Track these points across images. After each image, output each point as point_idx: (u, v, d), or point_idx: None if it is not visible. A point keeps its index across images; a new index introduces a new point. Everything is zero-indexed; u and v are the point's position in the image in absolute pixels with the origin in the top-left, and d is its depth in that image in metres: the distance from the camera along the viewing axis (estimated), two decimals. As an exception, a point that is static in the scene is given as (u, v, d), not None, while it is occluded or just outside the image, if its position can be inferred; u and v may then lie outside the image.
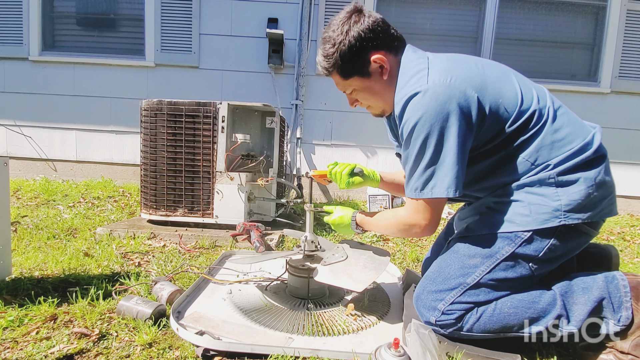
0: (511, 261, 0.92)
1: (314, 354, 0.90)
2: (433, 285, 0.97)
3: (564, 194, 0.90)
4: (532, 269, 0.93)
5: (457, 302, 0.93)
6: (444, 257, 1.03)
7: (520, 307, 0.91)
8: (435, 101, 0.87)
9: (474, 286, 0.93)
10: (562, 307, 0.91)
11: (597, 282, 0.92)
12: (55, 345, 0.92)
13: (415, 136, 0.90)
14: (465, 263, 0.96)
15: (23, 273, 1.36)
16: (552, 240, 0.91)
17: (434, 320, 0.93)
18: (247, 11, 3.32)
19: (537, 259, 0.92)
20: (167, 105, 1.96)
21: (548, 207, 0.90)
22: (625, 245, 2.29)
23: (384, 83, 1.03)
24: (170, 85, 3.42)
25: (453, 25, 3.43)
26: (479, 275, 0.93)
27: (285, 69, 3.37)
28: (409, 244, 2.09)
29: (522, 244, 0.91)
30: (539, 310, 0.91)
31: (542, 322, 0.90)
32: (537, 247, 0.91)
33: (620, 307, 0.89)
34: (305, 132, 3.41)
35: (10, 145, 3.49)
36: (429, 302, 0.95)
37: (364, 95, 1.07)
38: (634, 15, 3.27)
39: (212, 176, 1.99)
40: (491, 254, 0.94)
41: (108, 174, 3.51)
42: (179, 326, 0.97)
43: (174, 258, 1.63)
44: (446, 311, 0.92)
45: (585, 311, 0.89)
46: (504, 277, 0.93)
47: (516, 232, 0.92)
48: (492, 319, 0.91)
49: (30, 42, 3.38)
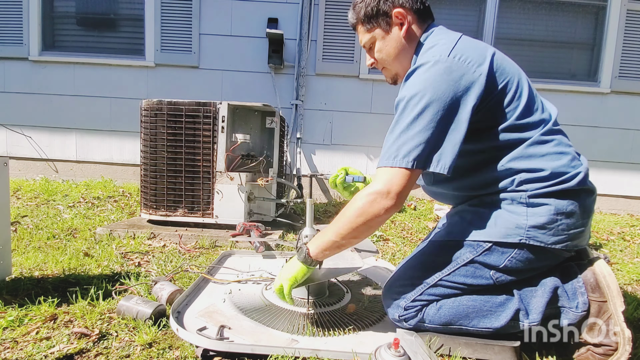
0: (471, 267, 0.96)
1: (314, 354, 0.90)
2: (396, 285, 1.04)
3: (532, 214, 0.91)
4: (494, 277, 0.95)
5: (418, 299, 0.99)
6: (410, 259, 1.09)
7: (479, 300, 0.95)
8: (449, 75, 0.88)
9: (434, 286, 0.98)
10: (519, 302, 0.94)
11: (551, 276, 0.95)
12: (55, 345, 0.92)
13: (418, 99, 0.89)
14: (429, 265, 1.01)
15: (23, 273, 1.36)
16: (512, 254, 0.93)
17: (398, 316, 1.00)
18: (247, 11, 3.32)
19: (499, 269, 0.95)
20: (167, 105, 1.96)
21: (512, 224, 0.92)
22: (625, 245, 2.30)
23: (402, 43, 1.04)
24: (170, 85, 3.42)
25: (453, 25, 3.40)
26: (439, 277, 0.98)
27: (285, 69, 3.37)
28: (409, 244, 2.10)
29: (482, 253, 0.95)
30: (497, 303, 0.94)
31: (503, 317, 0.93)
32: (497, 258, 0.94)
33: (575, 293, 0.92)
34: (306, 132, 3.41)
35: (10, 145, 3.49)
36: (393, 301, 1.02)
37: (382, 52, 1.07)
38: (634, 15, 3.27)
39: (212, 176, 1.99)
40: (453, 258, 0.98)
41: (108, 174, 3.51)
42: (178, 326, 0.97)
43: (174, 258, 1.63)
44: (407, 307, 0.99)
45: (542, 303, 0.91)
46: (463, 281, 0.96)
47: (478, 241, 0.95)
48: (451, 310, 0.96)
49: (30, 42, 3.37)
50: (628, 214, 3.38)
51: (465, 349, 0.94)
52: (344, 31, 3.32)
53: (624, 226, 2.81)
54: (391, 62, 1.08)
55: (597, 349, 0.89)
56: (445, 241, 1.02)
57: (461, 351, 0.94)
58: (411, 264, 1.06)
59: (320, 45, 3.32)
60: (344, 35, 3.32)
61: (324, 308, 1.16)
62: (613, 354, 0.87)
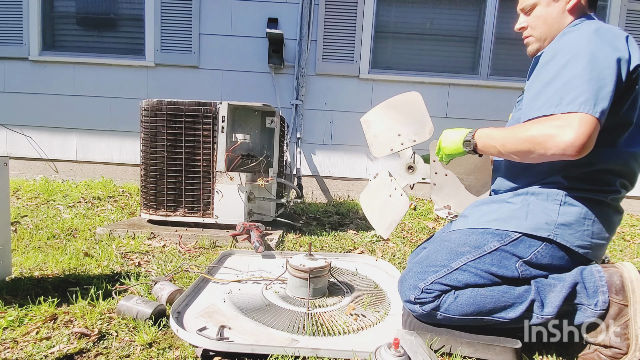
0: (497, 256, 0.98)
1: (314, 354, 0.90)
2: (418, 268, 1.04)
3: (563, 213, 0.95)
4: (519, 270, 0.97)
5: (438, 282, 0.98)
6: (434, 245, 1.10)
7: (497, 291, 0.96)
8: (608, 42, 0.88)
9: (457, 269, 0.99)
10: (536, 293, 0.94)
11: (571, 272, 0.96)
12: (55, 345, 0.92)
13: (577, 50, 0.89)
14: (454, 250, 1.02)
15: (23, 273, 1.36)
16: (539, 248, 0.95)
17: (413, 297, 0.99)
18: (247, 11, 3.32)
19: (524, 260, 0.97)
20: (167, 105, 1.96)
21: (542, 219, 0.96)
22: (625, 245, 2.29)
23: (561, 15, 1.03)
24: (170, 85, 3.42)
25: (453, 25, 3.42)
26: (464, 261, 0.99)
27: (285, 69, 3.37)
28: (408, 244, 2.10)
29: (510, 243, 0.97)
30: (515, 295, 0.95)
31: (518, 308, 0.94)
32: (524, 250, 0.96)
33: (597, 291, 0.91)
34: (306, 132, 3.41)
35: (10, 145, 3.49)
36: (411, 282, 1.02)
37: (541, 19, 1.06)
38: (634, 15, 3.27)
39: (212, 176, 1.99)
40: (479, 245, 1.00)
41: (108, 174, 3.51)
42: (178, 327, 0.97)
43: (174, 258, 1.63)
44: (425, 289, 0.99)
45: (560, 297, 0.92)
46: (488, 269, 0.98)
47: (507, 230, 0.98)
48: (469, 300, 0.96)
49: (30, 42, 3.37)
50: (628, 214, 3.38)
51: (467, 348, 0.94)
52: (344, 31, 3.32)
53: (624, 226, 2.81)
54: (544, 29, 1.07)
55: (606, 351, 0.89)
56: (473, 229, 1.04)
57: (462, 350, 0.94)
58: (436, 249, 1.07)
59: (320, 45, 3.32)
60: (344, 35, 3.32)
61: (324, 308, 1.16)
62: (621, 357, 0.87)
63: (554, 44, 0.98)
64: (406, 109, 1.29)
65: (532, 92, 0.97)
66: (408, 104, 1.29)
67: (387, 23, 3.41)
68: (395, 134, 1.31)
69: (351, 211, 2.84)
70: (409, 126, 1.29)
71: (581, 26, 0.95)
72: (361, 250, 1.93)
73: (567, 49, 0.91)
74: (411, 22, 3.44)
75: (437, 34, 3.45)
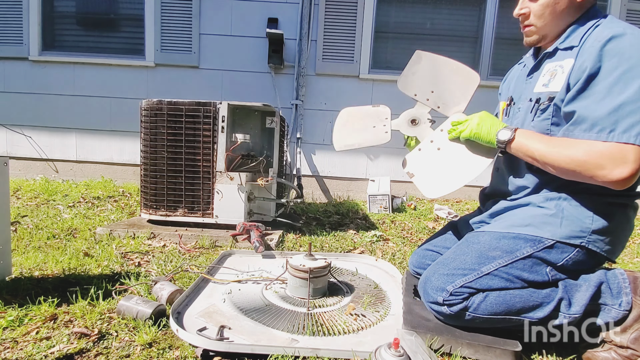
0: (529, 262, 0.96)
1: (314, 354, 0.90)
2: (445, 269, 1.01)
3: (597, 220, 0.94)
4: (550, 274, 0.96)
5: (467, 286, 0.97)
6: (460, 247, 1.07)
7: (526, 291, 0.95)
8: None
9: (488, 274, 0.97)
10: (564, 291, 0.94)
11: (596, 273, 0.97)
12: (55, 345, 0.92)
13: (635, 62, 0.83)
14: (484, 254, 1.00)
15: (23, 273, 1.36)
16: (571, 254, 0.95)
17: (442, 299, 0.98)
18: (247, 11, 3.32)
19: (557, 266, 0.96)
20: (167, 105, 1.96)
21: (577, 226, 0.94)
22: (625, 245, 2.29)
23: (570, 7, 0.98)
24: (170, 85, 3.42)
25: (453, 25, 3.43)
26: (495, 267, 0.97)
27: (285, 69, 3.37)
28: (408, 244, 2.10)
29: (543, 249, 0.96)
30: (543, 295, 0.95)
31: (547, 308, 0.94)
32: (557, 256, 0.95)
33: (620, 292, 0.92)
34: (305, 132, 3.41)
35: (10, 145, 3.49)
36: (438, 284, 0.99)
37: (548, 7, 1.00)
38: (634, 15, 3.27)
39: (212, 176, 1.99)
40: (511, 250, 0.98)
41: (108, 174, 3.51)
42: (178, 327, 0.97)
43: (174, 258, 1.63)
44: (455, 292, 0.97)
45: (586, 296, 0.92)
46: (519, 275, 0.96)
47: (541, 237, 0.96)
48: (498, 299, 0.95)
49: (30, 42, 3.38)
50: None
51: (467, 349, 0.94)
52: (344, 31, 3.32)
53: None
54: (549, 20, 1.01)
55: (622, 351, 0.89)
56: (505, 232, 1.02)
57: (462, 351, 0.94)
58: (464, 251, 1.04)
59: (320, 45, 3.32)
60: (344, 35, 3.32)
61: (324, 308, 1.16)
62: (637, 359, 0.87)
63: (596, 38, 0.89)
64: (457, 80, 1.23)
65: (579, 96, 0.90)
66: (462, 77, 1.22)
67: (387, 23, 3.41)
68: (429, 90, 1.25)
69: (351, 211, 2.84)
70: (446, 94, 1.23)
71: (627, 28, 0.88)
72: (361, 250, 1.93)
73: (621, 57, 0.85)
74: (411, 22, 3.44)
75: (437, 34, 3.45)
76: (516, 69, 1.29)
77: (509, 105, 1.20)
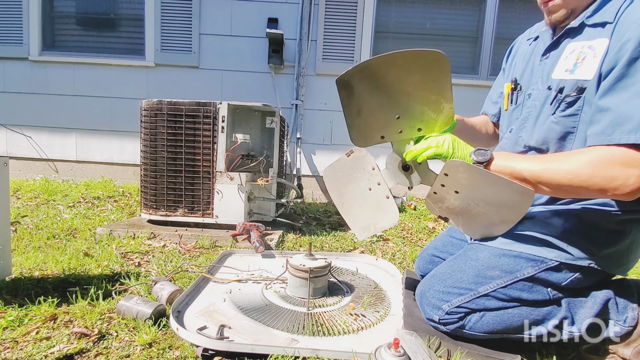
0: (529, 282, 0.90)
1: (314, 354, 0.90)
2: (441, 286, 0.96)
3: (606, 241, 0.87)
4: (551, 294, 0.90)
5: (463, 306, 0.92)
6: (457, 261, 1.00)
7: (525, 309, 0.90)
8: None
9: (484, 296, 0.91)
10: (567, 310, 0.89)
11: (603, 291, 0.91)
12: (55, 345, 0.92)
13: None
14: (482, 273, 0.93)
15: (23, 273, 1.36)
16: (577, 275, 0.89)
17: (437, 318, 0.94)
18: (247, 11, 3.32)
19: (559, 287, 0.90)
20: (167, 105, 1.96)
21: (586, 248, 0.87)
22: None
23: None
24: (170, 85, 3.42)
25: (453, 25, 3.43)
26: (493, 288, 0.91)
27: (285, 69, 3.37)
28: (408, 244, 2.09)
29: (545, 270, 0.89)
30: (544, 312, 0.89)
31: (547, 325, 0.89)
32: (561, 277, 0.89)
33: (627, 308, 0.87)
34: (306, 132, 3.41)
35: (10, 145, 3.49)
36: (434, 301, 0.95)
37: None
38: (634, 15, 3.27)
39: (212, 176, 1.99)
40: (511, 270, 0.90)
41: (108, 174, 3.51)
42: (178, 326, 0.97)
43: (174, 258, 1.63)
44: (450, 312, 0.93)
45: (590, 314, 0.88)
46: (518, 295, 0.90)
47: (544, 258, 0.89)
48: (495, 319, 0.91)
49: (30, 42, 3.38)
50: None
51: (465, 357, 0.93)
52: (344, 31, 3.32)
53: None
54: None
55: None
56: (505, 250, 0.94)
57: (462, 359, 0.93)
58: (461, 267, 0.97)
59: (320, 45, 3.32)
60: (344, 35, 3.32)
61: (324, 308, 1.16)
62: None
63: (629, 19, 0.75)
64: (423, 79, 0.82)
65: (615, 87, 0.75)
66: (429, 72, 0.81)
67: (387, 23, 3.41)
68: (393, 115, 0.90)
69: (351, 211, 2.83)
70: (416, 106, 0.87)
71: None
72: (361, 250, 1.93)
73: None
74: (411, 22, 3.44)
75: (437, 34, 3.45)
76: (524, 43, 1.09)
77: (515, 90, 1.03)
